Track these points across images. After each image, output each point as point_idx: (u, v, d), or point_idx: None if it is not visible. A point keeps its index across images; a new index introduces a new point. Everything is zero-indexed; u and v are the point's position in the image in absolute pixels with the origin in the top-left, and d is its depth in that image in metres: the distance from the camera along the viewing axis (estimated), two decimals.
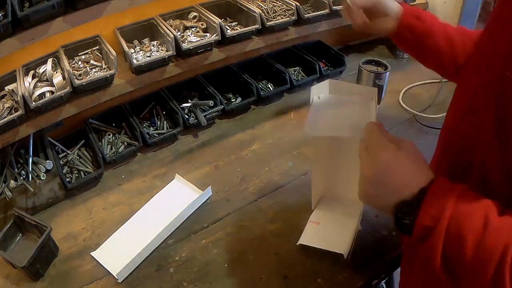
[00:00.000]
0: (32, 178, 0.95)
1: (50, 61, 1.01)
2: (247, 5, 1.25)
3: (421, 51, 0.85)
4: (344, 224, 0.89)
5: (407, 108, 1.35)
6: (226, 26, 1.22)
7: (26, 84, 0.95)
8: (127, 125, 1.22)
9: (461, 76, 0.70)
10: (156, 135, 1.19)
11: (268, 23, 1.22)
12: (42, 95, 0.96)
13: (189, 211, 0.96)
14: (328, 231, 0.88)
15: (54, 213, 0.99)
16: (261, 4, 1.30)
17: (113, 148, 1.16)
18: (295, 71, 1.50)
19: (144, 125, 1.24)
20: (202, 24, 1.22)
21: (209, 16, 1.19)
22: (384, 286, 1.42)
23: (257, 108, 1.36)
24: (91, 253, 0.88)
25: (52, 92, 0.97)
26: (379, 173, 0.53)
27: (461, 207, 0.47)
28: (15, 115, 0.90)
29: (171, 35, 1.09)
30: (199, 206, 0.99)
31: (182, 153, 1.18)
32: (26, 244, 0.90)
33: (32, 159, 0.99)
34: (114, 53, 1.02)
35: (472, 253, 0.44)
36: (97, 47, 1.13)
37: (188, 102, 1.27)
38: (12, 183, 0.92)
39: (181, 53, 1.12)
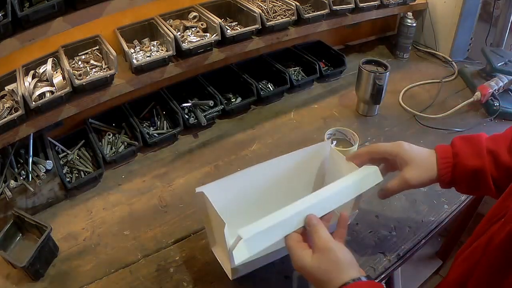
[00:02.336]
0: (32, 178, 0.95)
1: (50, 61, 1.01)
2: (247, 5, 1.25)
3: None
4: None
5: (407, 108, 1.35)
6: (226, 26, 1.22)
7: (26, 84, 0.95)
8: (127, 125, 1.22)
9: None
10: (156, 135, 1.19)
11: (268, 23, 1.22)
12: (42, 95, 0.96)
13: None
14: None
15: (54, 213, 0.99)
16: (261, 4, 1.30)
17: (113, 148, 1.16)
18: (295, 71, 1.50)
19: (144, 125, 1.24)
20: (202, 24, 1.22)
21: (209, 16, 1.19)
22: (384, 286, 1.42)
23: (257, 108, 1.36)
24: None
25: (52, 92, 0.97)
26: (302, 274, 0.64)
27: None
28: (15, 115, 0.89)
29: (171, 35, 1.09)
30: None
31: (182, 153, 1.18)
32: (26, 244, 0.90)
33: (32, 159, 0.99)
34: (114, 53, 1.02)
35: None
36: (97, 47, 1.13)
37: (188, 102, 1.27)
38: (12, 183, 0.92)
39: (181, 53, 1.12)
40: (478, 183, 0.72)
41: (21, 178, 0.95)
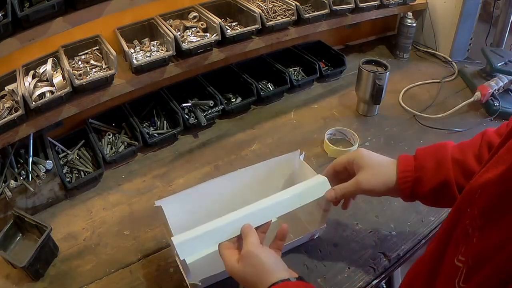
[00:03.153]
0: (32, 178, 0.95)
1: (50, 61, 1.01)
2: (247, 5, 1.25)
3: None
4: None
5: (407, 108, 1.35)
6: (226, 26, 1.22)
7: (26, 84, 0.95)
8: (127, 125, 1.22)
9: None
10: (156, 135, 1.19)
11: (268, 23, 1.22)
12: (42, 95, 0.96)
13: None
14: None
15: (54, 213, 0.99)
16: (261, 4, 1.30)
17: (113, 148, 1.16)
18: (295, 71, 1.50)
19: (144, 125, 1.24)
20: (202, 24, 1.22)
21: (209, 16, 1.19)
22: (384, 286, 1.42)
23: (257, 108, 1.36)
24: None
25: (52, 92, 0.97)
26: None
27: None
28: (15, 115, 0.89)
29: (171, 35, 1.09)
30: None
31: (182, 153, 1.18)
32: (26, 244, 0.90)
33: (32, 159, 0.99)
34: (114, 53, 1.02)
35: None
36: (97, 47, 1.13)
37: (188, 102, 1.27)
38: (12, 183, 0.92)
39: (181, 53, 1.12)
40: (444, 195, 0.68)
41: (21, 178, 0.95)
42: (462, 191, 0.52)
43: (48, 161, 0.97)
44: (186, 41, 1.16)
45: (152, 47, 1.15)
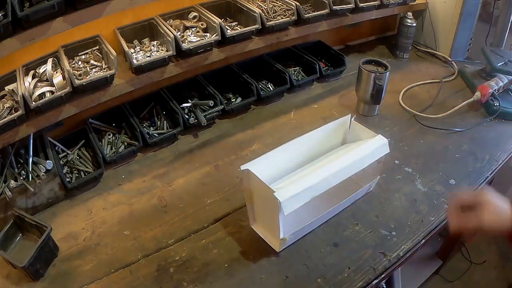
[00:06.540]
0: (32, 178, 0.95)
1: (50, 61, 1.01)
2: (247, 5, 1.25)
3: None
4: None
5: (407, 108, 1.35)
6: (226, 26, 1.22)
7: (26, 84, 0.95)
8: (127, 125, 1.22)
9: None
10: (156, 135, 1.19)
11: (268, 23, 1.22)
12: (42, 95, 0.95)
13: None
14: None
15: (54, 213, 0.99)
16: (261, 4, 1.30)
17: (113, 148, 1.16)
18: (295, 71, 1.50)
19: (144, 125, 1.24)
20: (202, 24, 1.22)
21: (209, 16, 1.19)
22: (384, 286, 1.42)
23: (257, 108, 1.36)
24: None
25: (52, 92, 0.97)
26: None
27: None
28: (15, 115, 0.89)
29: (171, 35, 1.09)
30: None
31: (182, 153, 1.18)
32: (26, 244, 0.90)
33: (32, 159, 0.99)
34: (114, 53, 1.02)
35: None
36: (97, 47, 1.13)
37: (188, 102, 1.27)
38: (12, 183, 0.92)
39: (181, 53, 1.12)
40: None
41: (21, 178, 0.95)
42: None
43: (48, 161, 0.97)
44: (186, 41, 1.16)
45: (152, 47, 1.15)
